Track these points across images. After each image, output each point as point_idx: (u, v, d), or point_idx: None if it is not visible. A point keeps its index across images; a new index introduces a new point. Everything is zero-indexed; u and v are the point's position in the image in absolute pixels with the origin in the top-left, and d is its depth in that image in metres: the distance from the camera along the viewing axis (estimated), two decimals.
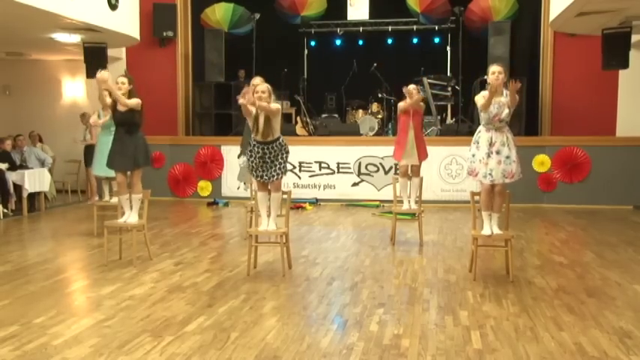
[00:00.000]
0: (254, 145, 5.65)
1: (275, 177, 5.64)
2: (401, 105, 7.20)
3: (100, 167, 7.73)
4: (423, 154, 7.19)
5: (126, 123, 6.17)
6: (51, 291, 5.19)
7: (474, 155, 5.54)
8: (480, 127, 5.56)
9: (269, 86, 5.62)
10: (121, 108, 6.15)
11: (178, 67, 12.22)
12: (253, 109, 5.55)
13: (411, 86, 7.12)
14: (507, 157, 5.41)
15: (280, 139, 5.67)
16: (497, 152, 5.41)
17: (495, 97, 5.43)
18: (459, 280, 5.53)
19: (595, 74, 10.45)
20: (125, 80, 6.19)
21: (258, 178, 5.70)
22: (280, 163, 5.65)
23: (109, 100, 6.21)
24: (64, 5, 8.29)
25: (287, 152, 5.71)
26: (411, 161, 7.15)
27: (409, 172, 7.17)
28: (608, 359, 3.68)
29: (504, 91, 5.47)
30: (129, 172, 6.29)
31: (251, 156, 5.67)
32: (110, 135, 7.24)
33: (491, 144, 5.42)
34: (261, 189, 5.77)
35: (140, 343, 3.92)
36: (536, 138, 10.96)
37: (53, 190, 10.68)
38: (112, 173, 7.41)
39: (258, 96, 5.48)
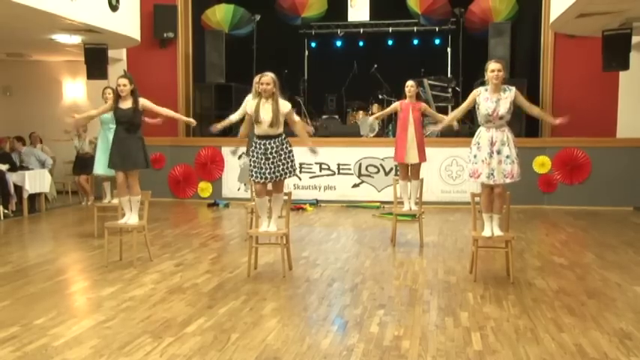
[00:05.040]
0: (256, 143, 5.64)
1: (280, 176, 5.61)
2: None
3: (100, 166, 7.75)
4: (422, 155, 7.14)
5: (126, 122, 6.18)
6: (51, 292, 5.20)
7: (475, 156, 5.45)
8: (480, 128, 5.52)
9: (273, 76, 5.58)
10: (122, 105, 6.17)
11: (179, 68, 12.22)
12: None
13: (410, 83, 7.11)
14: (507, 157, 5.36)
15: (283, 136, 5.67)
16: (498, 152, 5.36)
17: (493, 94, 5.41)
18: (459, 281, 5.53)
19: (595, 75, 10.46)
20: (126, 81, 6.18)
21: (261, 179, 5.63)
22: (286, 163, 5.62)
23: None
24: (65, 6, 8.30)
25: (290, 150, 5.69)
26: (411, 159, 7.07)
27: (409, 174, 7.14)
28: None
29: (503, 87, 5.43)
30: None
31: (253, 156, 5.65)
32: (110, 132, 7.29)
33: (492, 143, 5.38)
34: (260, 194, 5.72)
35: (140, 344, 3.92)
36: (536, 139, 10.95)
37: (54, 191, 10.69)
38: (111, 172, 7.43)
39: (263, 88, 5.50)
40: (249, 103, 5.75)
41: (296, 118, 5.80)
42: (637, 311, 4.61)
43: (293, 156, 5.71)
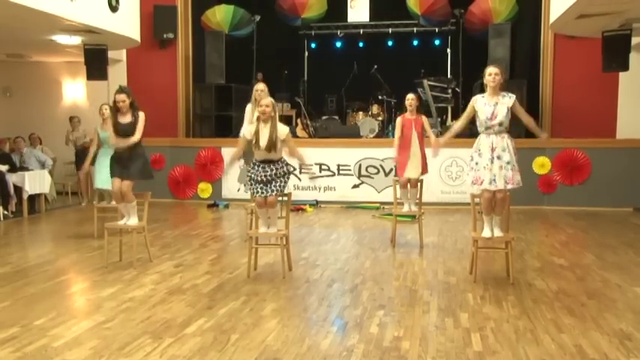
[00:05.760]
0: (254, 164, 5.62)
1: (273, 191, 5.58)
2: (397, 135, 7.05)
3: (100, 181, 7.71)
4: (425, 168, 7.07)
5: (127, 135, 6.08)
6: (51, 293, 5.19)
7: (477, 163, 5.42)
8: (480, 135, 5.50)
9: (272, 100, 5.60)
10: (122, 120, 6.11)
11: (179, 69, 12.23)
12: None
13: (410, 96, 7.03)
14: (508, 163, 5.34)
15: (283, 159, 5.66)
16: (499, 157, 5.35)
17: (491, 98, 5.41)
18: (459, 282, 5.53)
19: (595, 76, 10.45)
20: (124, 96, 6.06)
21: (257, 193, 5.62)
22: (281, 182, 5.60)
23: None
24: (65, 7, 8.30)
25: (289, 173, 5.68)
26: (413, 175, 6.99)
27: (409, 184, 7.08)
28: None
29: (503, 93, 5.43)
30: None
31: (250, 177, 5.64)
32: (110, 149, 7.27)
33: (492, 149, 5.36)
34: (260, 206, 5.71)
35: (140, 345, 3.92)
36: (536, 140, 10.75)
37: (53, 192, 10.68)
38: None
39: (262, 110, 5.50)
40: (247, 129, 5.74)
41: (292, 145, 5.72)
42: (637, 312, 4.61)
43: (289, 179, 5.72)
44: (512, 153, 5.37)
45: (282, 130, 5.56)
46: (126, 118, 6.11)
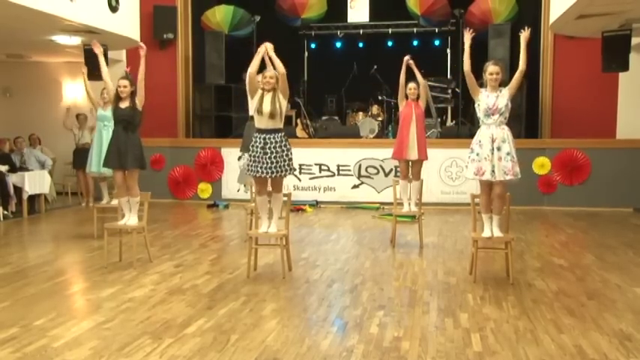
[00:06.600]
0: (256, 137, 5.66)
1: (278, 172, 5.60)
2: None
3: (94, 165, 7.79)
4: (423, 152, 7.13)
5: (125, 121, 6.19)
6: (51, 293, 5.19)
7: (478, 154, 5.47)
8: (481, 127, 5.56)
9: (276, 72, 5.76)
10: (122, 104, 6.20)
11: (178, 69, 12.22)
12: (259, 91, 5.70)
13: (412, 85, 7.13)
14: (507, 154, 5.41)
15: (283, 133, 5.69)
16: (498, 148, 5.42)
17: (492, 92, 5.50)
18: (459, 282, 5.53)
19: (595, 77, 10.46)
20: (127, 82, 6.22)
21: (259, 174, 5.63)
22: (283, 160, 5.61)
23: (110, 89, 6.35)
24: (65, 7, 8.31)
25: (289, 148, 5.69)
26: (412, 156, 7.06)
27: (410, 174, 7.14)
28: None
29: (501, 89, 5.52)
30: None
31: (253, 150, 5.65)
32: (105, 131, 7.35)
33: (492, 140, 5.42)
34: (261, 192, 5.73)
35: (140, 346, 3.92)
36: (536, 140, 10.95)
37: (53, 192, 10.69)
38: (105, 171, 7.47)
39: (266, 81, 5.66)
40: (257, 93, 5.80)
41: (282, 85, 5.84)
42: (637, 312, 4.61)
43: (291, 154, 5.72)
44: (512, 145, 5.44)
45: (284, 101, 5.73)
46: (124, 104, 6.23)
